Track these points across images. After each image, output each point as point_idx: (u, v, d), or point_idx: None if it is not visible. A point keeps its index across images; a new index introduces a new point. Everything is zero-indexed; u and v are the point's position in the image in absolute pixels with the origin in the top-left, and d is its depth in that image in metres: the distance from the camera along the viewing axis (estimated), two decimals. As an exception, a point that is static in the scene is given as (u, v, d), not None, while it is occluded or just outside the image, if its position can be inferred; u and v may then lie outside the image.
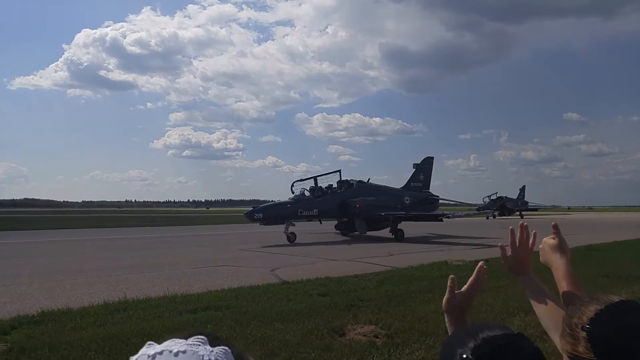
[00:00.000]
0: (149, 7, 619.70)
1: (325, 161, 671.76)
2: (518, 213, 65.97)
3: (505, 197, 66.26)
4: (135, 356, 0.80)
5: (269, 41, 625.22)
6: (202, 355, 0.77)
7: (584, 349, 1.21)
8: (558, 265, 1.94)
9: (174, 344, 0.79)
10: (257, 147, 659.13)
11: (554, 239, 1.98)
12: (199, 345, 0.80)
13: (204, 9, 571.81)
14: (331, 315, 7.69)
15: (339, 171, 27.38)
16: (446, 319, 1.75)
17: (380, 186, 30.08)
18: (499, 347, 1.09)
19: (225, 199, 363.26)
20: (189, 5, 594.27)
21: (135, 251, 19.05)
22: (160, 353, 0.77)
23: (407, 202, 30.32)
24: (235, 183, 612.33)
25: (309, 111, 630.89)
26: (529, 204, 73.26)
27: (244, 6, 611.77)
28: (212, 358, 0.78)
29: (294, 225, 23.66)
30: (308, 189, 25.58)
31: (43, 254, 18.03)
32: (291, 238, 22.82)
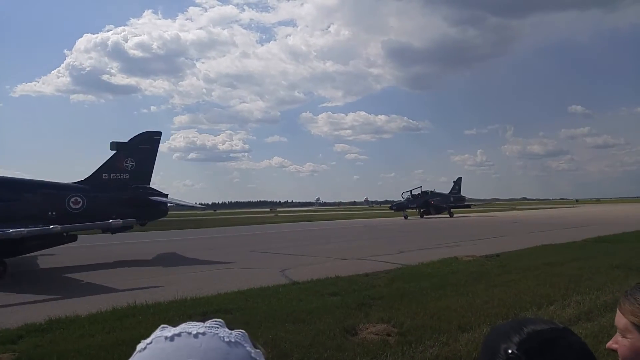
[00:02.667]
0: (150, 11, 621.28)
1: (332, 160, 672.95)
2: (447, 212, 54.60)
3: (431, 191, 55.66)
4: (150, 339, 0.78)
5: (271, 41, 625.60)
6: (222, 337, 0.77)
7: None
8: None
9: (191, 327, 0.78)
10: (263, 147, 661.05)
11: None
12: (218, 327, 0.80)
13: (206, 11, 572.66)
14: (343, 314, 7.61)
15: None
16: None
17: (9, 179, 17.57)
18: (547, 341, 1.02)
19: (233, 201, 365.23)
20: (190, 8, 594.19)
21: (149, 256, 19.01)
22: (179, 335, 0.76)
23: (79, 207, 17.72)
24: (242, 184, 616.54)
25: (314, 110, 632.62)
26: (466, 199, 61.32)
27: (245, 7, 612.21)
28: (232, 340, 0.77)
29: None
30: None
31: (49, 261, 18.02)
32: None
